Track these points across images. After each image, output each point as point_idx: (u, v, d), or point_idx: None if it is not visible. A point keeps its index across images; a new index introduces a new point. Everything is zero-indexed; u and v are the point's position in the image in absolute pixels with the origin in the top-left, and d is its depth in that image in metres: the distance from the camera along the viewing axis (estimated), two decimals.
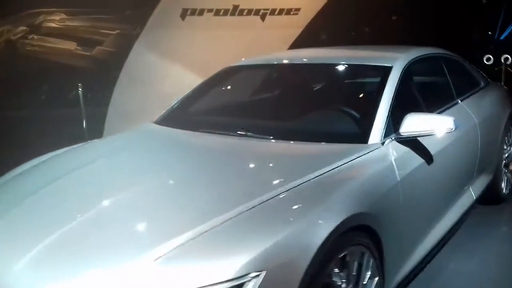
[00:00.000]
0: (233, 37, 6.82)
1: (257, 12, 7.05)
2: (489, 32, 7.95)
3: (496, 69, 6.80)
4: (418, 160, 2.71)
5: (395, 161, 2.51)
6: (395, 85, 2.89)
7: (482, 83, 4.35)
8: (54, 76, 10.21)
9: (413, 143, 2.71)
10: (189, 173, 2.32)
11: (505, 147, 4.34)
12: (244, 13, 6.98)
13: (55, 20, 11.37)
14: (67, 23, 11.22)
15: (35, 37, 11.24)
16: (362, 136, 2.58)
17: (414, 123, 2.65)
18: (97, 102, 6.92)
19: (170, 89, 5.77)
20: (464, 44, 7.99)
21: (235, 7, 6.91)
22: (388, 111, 2.72)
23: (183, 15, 6.56)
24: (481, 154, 3.70)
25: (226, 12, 6.87)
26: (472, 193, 3.67)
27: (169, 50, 6.40)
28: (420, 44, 3.90)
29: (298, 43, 7.30)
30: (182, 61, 6.42)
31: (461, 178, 3.42)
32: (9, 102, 9.30)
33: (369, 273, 2.20)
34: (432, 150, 2.86)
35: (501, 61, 7.23)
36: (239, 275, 1.63)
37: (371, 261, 2.20)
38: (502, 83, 6.77)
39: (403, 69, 3.04)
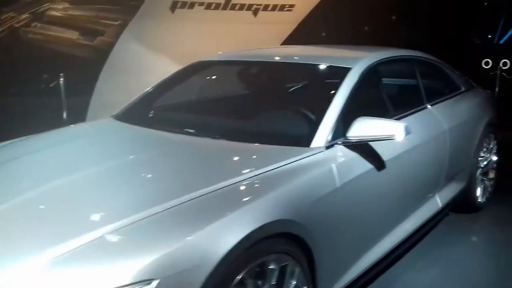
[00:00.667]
0: (224, 31, 6.75)
1: (249, 7, 6.97)
2: (489, 36, 7.77)
3: (491, 73, 6.63)
4: (367, 166, 2.61)
5: (337, 167, 2.42)
6: (351, 87, 2.79)
7: (462, 87, 4.22)
8: (54, 65, 10.24)
9: (363, 148, 2.62)
10: (117, 171, 2.26)
11: (482, 154, 4.21)
12: (236, 8, 6.90)
13: (59, 9, 11.42)
14: (70, 12, 11.25)
15: (38, 25, 11.29)
16: (304, 139, 2.49)
17: (363, 128, 2.56)
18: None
19: (154, 80, 5.71)
20: (463, 48, 7.82)
21: (227, 1, 6.83)
22: (338, 114, 2.62)
23: (172, 8, 6.50)
24: (451, 161, 3.59)
25: (217, 6, 6.80)
26: (438, 201, 3.55)
27: (157, 42, 6.35)
28: (416, 45, 3.78)
29: (292, 40, 7.21)
30: (169, 53, 6.36)
31: (424, 186, 3.31)
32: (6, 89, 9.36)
33: (294, 282, 2.12)
34: (387, 155, 2.76)
35: (500, 66, 7.07)
36: (127, 283, 1.56)
37: (297, 270, 2.12)
38: (496, 89, 6.64)
39: (363, 71, 2.94)
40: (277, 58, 3.30)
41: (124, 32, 6.55)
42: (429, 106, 3.52)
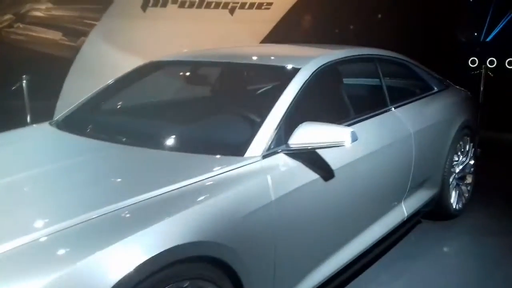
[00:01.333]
0: (199, 31, 6.51)
1: (225, 5, 6.74)
2: (475, 34, 7.52)
3: (473, 73, 6.39)
4: (311, 176, 2.38)
5: (272, 178, 2.18)
6: (298, 90, 2.57)
7: (435, 88, 3.99)
8: (38, 66, 10.00)
9: (308, 156, 2.39)
10: (21, 185, 2.04)
11: (456, 158, 3.98)
12: (212, 6, 6.67)
13: (42, 9, 11.20)
14: (53, 12, 11.03)
15: (21, 25, 11.08)
16: (239, 148, 2.26)
17: (306, 134, 2.33)
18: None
19: None
20: (450, 46, 7.59)
21: None
22: (281, 119, 2.40)
23: (144, 6, 6.27)
24: (418, 167, 3.36)
25: (192, 4, 6.56)
26: (403, 210, 3.33)
27: (127, 41, 6.12)
28: (402, 43, 3.53)
29: (270, 38, 6.99)
30: (140, 54, 6.12)
31: (385, 194, 3.08)
32: None
33: None
34: (338, 163, 2.53)
35: (486, 65, 6.83)
36: None
37: None
38: (481, 88, 6.40)
39: (314, 72, 2.71)
40: (227, 59, 3.07)
41: (92, 32, 6.32)
42: (393, 109, 3.29)
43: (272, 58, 2.99)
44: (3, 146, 2.59)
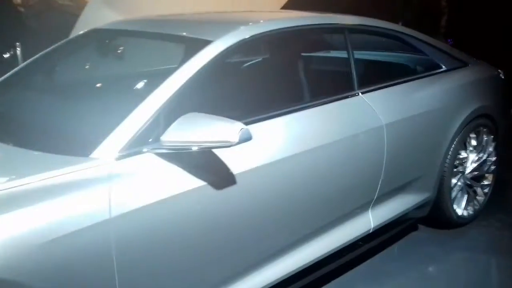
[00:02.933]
0: None
1: None
2: None
3: None
4: (191, 183, 1.84)
5: (119, 188, 1.68)
6: (198, 70, 2.01)
7: (443, 66, 3.21)
8: None
9: (190, 157, 1.86)
10: None
11: (464, 154, 3.21)
12: None
13: None
14: None
15: None
16: (86, 145, 1.77)
17: (184, 130, 1.80)
18: None
19: None
20: None
21: None
22: (159, 109, 1.87)
23: None
24: (393, 168, 2.68)
25: None
26: (370, 220, 2.68)
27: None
28: None
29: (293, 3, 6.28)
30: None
31: (332, 202, 2.43)
32: None
33: None
34: (243, 165, 1.99)
35: None
36: None
37: None
38: None
39: (229, 48, 2.13)
40: (144, 27, 2.52)
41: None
42: (359, 94, 2.61)
43: (193, 27, 2.42)
44: None
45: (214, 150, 1.90)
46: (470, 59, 3.48)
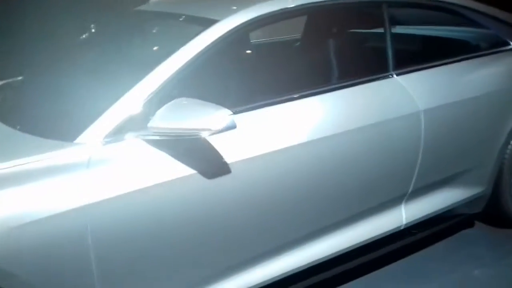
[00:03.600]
0: None
1: None
2: None
3: None
4: (178, 171, 1.76)
5: (96, 173, 1.64)
6: (201, 51, 1.90)
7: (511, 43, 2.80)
8: None
9: (190, 142, 1.77)
10: None
11: None
12: None
13: None
14: None
15: None
16: (72, 129, 1.74)
17: (172, 115, 1.72)
18: None
19: None
20: None
21: None
22: (155, 90, 1.79)
23: None
24: (433, 159, 2.40)
25: None
26: (402, 216, 2.43)
27: None
28: None
29: None
30: None
31: (352, 194, 2.21)
32: None
33: None
34: (243, 152, 1.87)
35: None
36: None
37: None
38: None
39: (236, 28, 1.98)
40: (161, 8, 2.45)
41: None
42: (394, 75, 2.34)
43: (201, 5, 2.29)
44: None
45: (209, 137, 1.80)
46: None
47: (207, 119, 1.66)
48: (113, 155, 1.71)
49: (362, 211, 2.30)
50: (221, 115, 1.66)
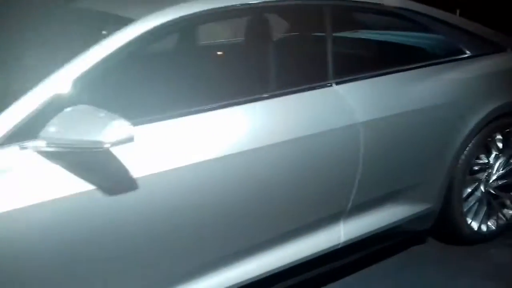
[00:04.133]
0: None
1: None
2: None
3: None
4: (71, 187, 1.59)
5: None
6: (108, 54, 1.73)
7: (468, 51, 2.65)
8: None
9: (90, 154, 1.61)
10: None
11: (485, 160, 2.66)
12: None
13: None
14: None
15: None
16: None
17: (66, 124, 1.56)
18: None
19: None
20: None
21: None
22: (47, 99, 1.62)
23: None
24: (375, 174, 2.25)
25: None
26: (340, 234, 2.28)
27: None
28: None
29: None
30: None
31: (279, 211, 2.05)
32: None
33: None
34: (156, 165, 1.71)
35: None
36: None
37: None
38: None
39: (153, 30, 1.82)
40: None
41: None
42: (333, 85, 2.19)
43: (122, 4, 2.11)
44: None
45: (111, 150, 1.64)
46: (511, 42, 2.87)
47: (100, 131, 1.50)
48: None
49: (295, 228, 2.16)
50: (117, 127, 1.50)
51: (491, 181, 2.72)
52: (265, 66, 2.15)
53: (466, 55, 2.66)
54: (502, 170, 2.75)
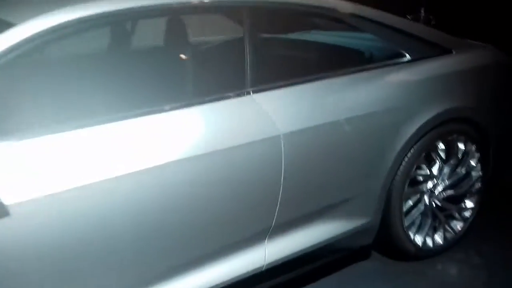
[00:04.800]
0: None
1: None
2: None
3: None
4: None
5: None
6: None
7: (408, 54, 2.48)
8: None
9: None
10: None
11: (426, 171, 2.50)
12: None
13: None
14: None
15: None
16: None
17: None
18: None
19: None
20: None
21: None
22: None
23: None
24: (301, 189, 2.08)
25: None
26: (264, 255, 2.09)
27: None
28: None
29: None
30: None
31: (194, 232, 1.88)
32: None
33: None
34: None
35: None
36: None
37: None
38: None
39: (42, 32, 1.64)
40: None
41: None
42: (251, 93, 2.01)
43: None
44: None
45: None
46: (459, 44, 2.71)
47: None
48: None
49: (212, 250, 1.97)
50: None
51: (436, 192, 2.56)
52: (177, 73, 1.98)
53: (406, 59, 2.49)
54: (448, 181, 2.59)
